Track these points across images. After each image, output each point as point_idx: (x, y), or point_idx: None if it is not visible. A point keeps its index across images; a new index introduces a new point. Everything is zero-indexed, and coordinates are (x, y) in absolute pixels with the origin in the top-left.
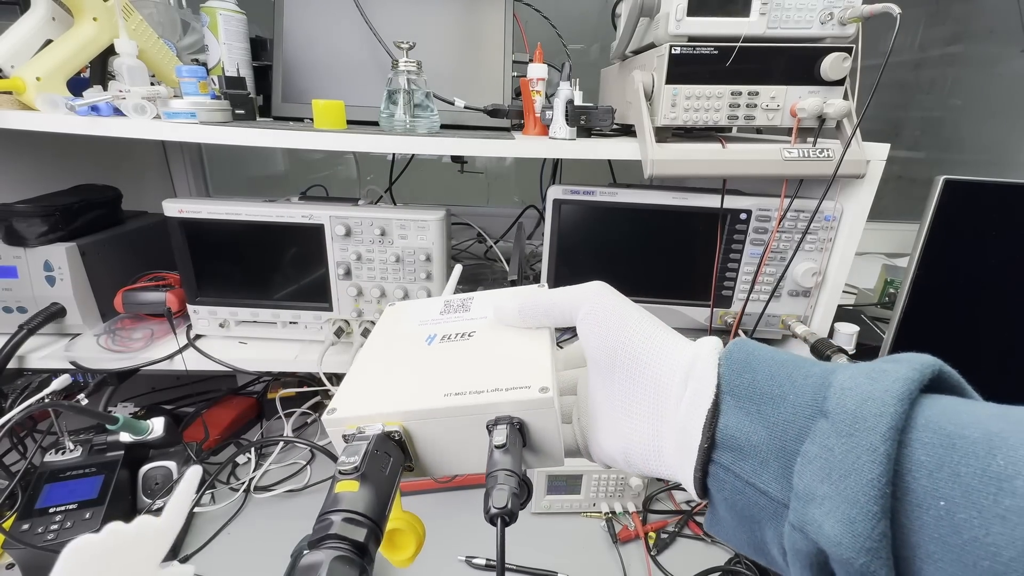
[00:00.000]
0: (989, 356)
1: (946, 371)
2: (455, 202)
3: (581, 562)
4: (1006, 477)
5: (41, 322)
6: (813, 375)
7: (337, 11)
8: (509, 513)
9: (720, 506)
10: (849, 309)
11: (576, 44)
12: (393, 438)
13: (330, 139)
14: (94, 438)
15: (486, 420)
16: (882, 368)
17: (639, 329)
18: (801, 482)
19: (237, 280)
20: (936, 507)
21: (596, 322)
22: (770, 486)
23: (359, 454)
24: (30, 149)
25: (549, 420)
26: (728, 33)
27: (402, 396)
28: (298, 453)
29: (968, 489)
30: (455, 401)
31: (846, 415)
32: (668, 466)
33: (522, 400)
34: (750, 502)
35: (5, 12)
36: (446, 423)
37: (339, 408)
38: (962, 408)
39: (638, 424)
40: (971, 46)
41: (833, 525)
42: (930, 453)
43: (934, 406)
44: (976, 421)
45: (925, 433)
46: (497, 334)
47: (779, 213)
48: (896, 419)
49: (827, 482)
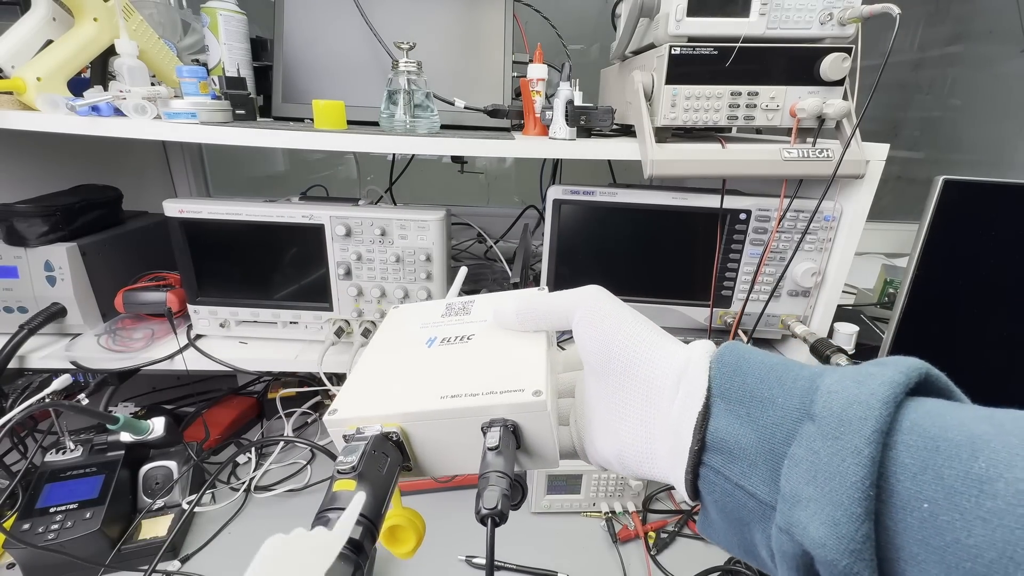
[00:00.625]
0: (989, 356)
1: (933, 374)
2: (455, 202)
3: (581, 562)
4: (987, 479)
5: (42, 322)
6: (802, 378)
7: (337, 11)
8: (499, 514)
9: (711, 508)
10: (849, 309)
11: (576, 44)
12: (391, 439)
13: (330, 139)
14: (95, 438)
15: (481, 422)
16: (868, 372)
17: (633, 333)
18: (788, 484)
19: (237, 280)
20: (920, 509)
21: (591, 326)
22: (758, 488)
23: (357, 454)
24: (31, 149)
25: (542, 423)
26: (728, 33)
27: (400, 398)
28: (298, 453)
29: (951, 491)
30: (451, 403)
31: (832, 418)
32: (661, 469)
33: (515, 403)
34: (739, 504)
35: (5, 12)
36: (442, 425)
37: (340, 409)
38: (947, 411)
39: (631, 427)
40: (971, 46)
41: (818, 527)
42: (914, 456)
43: (919, 409)
44: (960, 424)
45: (910, 436)
46: (495, 337)
47: (779, 213)
48: (881, 422)
49: (812, 484)
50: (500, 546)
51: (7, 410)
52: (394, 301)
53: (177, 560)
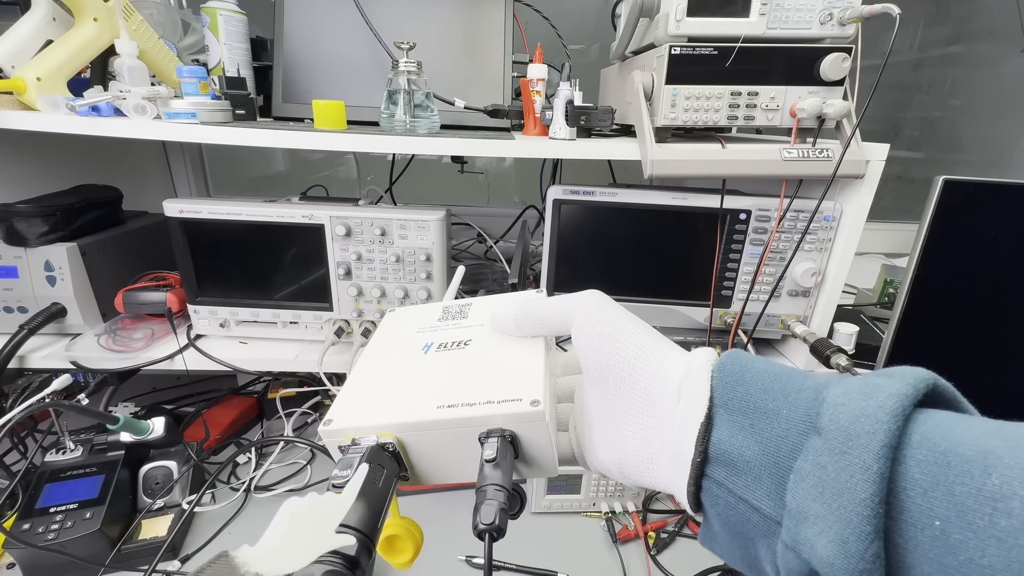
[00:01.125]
0: (989, 356)
1: (940, 384)
2: (455, 202)
3: (581, 562)
4: (1001, 497)
5: (42, 322)
6: (807, 389)
7: (337, 11)
8: (497, 529)
9: (714, 521)
10: (849, 309)
11: (576, 44)
12: (387, 449)
13: (330, 139)
14: (95, 438)
15: (478, 432)
16: (876, 383)
17: (633, 340)
18: (794, 500)
19: (237, 280)
20: (931, 527)
21: (590, 333)
22: (763, 503)
23: (352, 467)
24: (31, 149)
25: (541, 432)
26: (728, 33)
27: (396, 408)
28: (298, 453)
29: (963, 509)
30: (447, 414)
31: (839, 432)
32: (662, 479)
33: (513, 413)
34: (743, 518)
35: (5, 12)
36: (439, 435)
37: (335, 419)
38: (956, 424)
39: (632, 436)
40: (971, 46)
41: (826, 545)
42: (925, 471)
43: (928, 421)
44: (971, 438)
45: (919, 450)
46: (493, 343)
47: (779, 213)
48: (890, 436)
49: (820, 501)
50: (500, 546)
51: (7, 410)
52: (394, 301)
53: (177, 560)
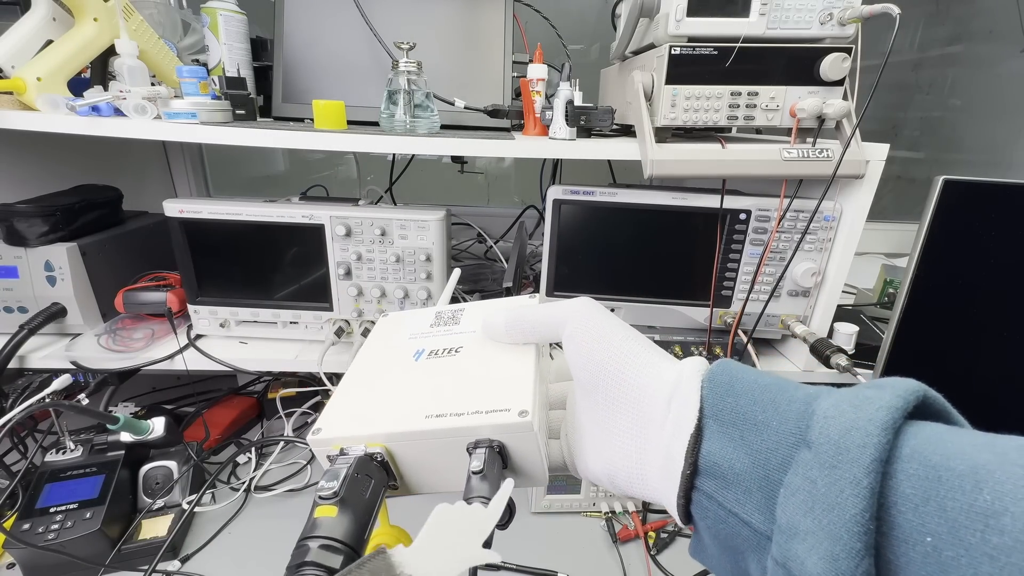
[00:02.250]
0: (988, 356)
1: (931, 396)
2: (455, 202)
3: (581, 562)
4: (993, 513)
5: (42, 322)
6: (796, 400)
7: (337, 11)
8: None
9: (704, 534)
10: (848, 309)
11: (576, 44)
12: (376, 459)
13: (330, 139)
14: (95, 438)
15: (467, 442)
16: (866, 395)
17: (623, 350)
18: (784, 515)
19: (238, 280)
20: (923, 543)
21: (580, 343)
22: (753, 517)
23: (338, 479)
24: (31, 149)
25: (529, 443)
26: (728, 33)
27: (384, 417)
28: (298, 453)
29: (955, 525)
30: (436, 424)
31: (829, 445)
32: (653, 490)
33: (501, 424)
34: (733, 532)
35: (5, 12)
36: (427, 445)
37: (323, 428)
38: (947, 437)
39: (622, 447)
40: (971, 46)
41: (816, 562)
42: (915, 486)
43: (919, 435)
44: (962, 452)
45: (910, 464)
46: (483, 350)
47: (779, 213)
48: (880, 450)
49: (810, 516)
50: (500, 546)
51: (7, 410)
52: (394, 301)
53: (177, 560)
